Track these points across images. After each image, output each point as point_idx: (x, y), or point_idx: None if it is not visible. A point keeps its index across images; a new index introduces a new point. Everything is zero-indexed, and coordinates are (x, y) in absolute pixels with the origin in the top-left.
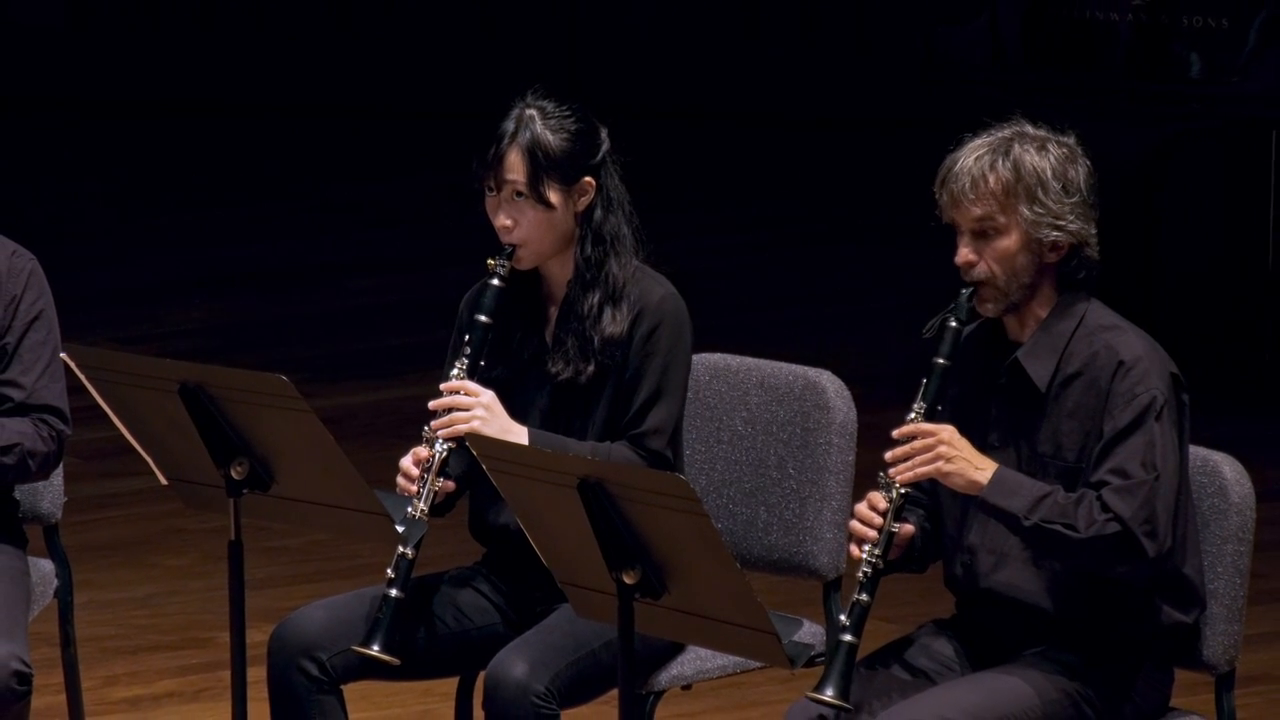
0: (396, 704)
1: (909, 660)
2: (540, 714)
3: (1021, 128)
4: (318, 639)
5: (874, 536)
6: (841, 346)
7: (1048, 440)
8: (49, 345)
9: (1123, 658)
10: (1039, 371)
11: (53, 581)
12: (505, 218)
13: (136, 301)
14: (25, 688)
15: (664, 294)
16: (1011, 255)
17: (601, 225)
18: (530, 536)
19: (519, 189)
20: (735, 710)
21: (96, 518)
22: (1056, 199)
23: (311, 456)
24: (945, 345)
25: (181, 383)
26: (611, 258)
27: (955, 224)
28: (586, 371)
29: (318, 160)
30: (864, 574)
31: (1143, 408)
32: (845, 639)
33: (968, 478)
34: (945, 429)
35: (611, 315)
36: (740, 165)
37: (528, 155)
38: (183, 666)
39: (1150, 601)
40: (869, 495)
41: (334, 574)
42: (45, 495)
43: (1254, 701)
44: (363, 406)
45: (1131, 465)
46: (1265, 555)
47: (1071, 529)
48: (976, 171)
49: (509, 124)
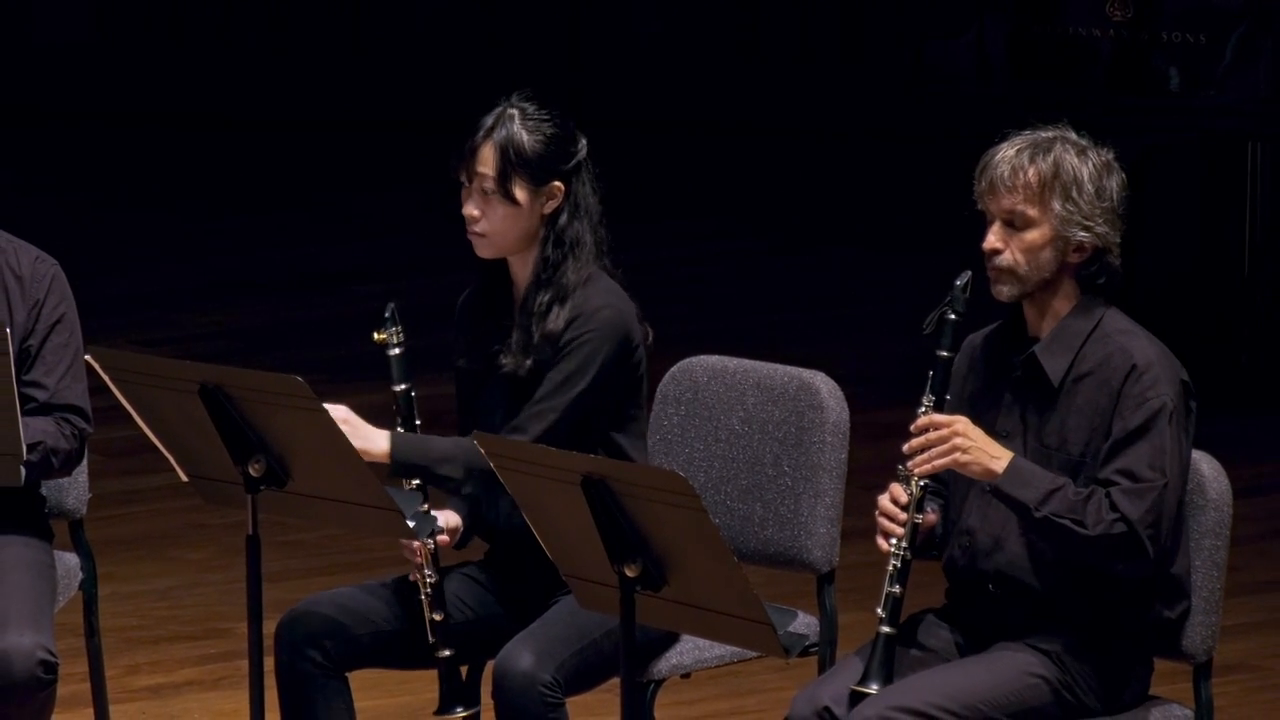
0: (408, 691)
1: (902, 647)
2: (546, 702)
3: (1065, 133)
4: (322, 628)
5: (900, 531)
6: (834, 348)
7: (1054, 433)
8: (71, 347)
9: (1106, 647)
10: (1054, 367)
11: (78, 574)
12: (473, 208)
13: (156, 306)
14: (51, 676)
15: (603, 304)
16: (1038, 248)
17: (565, 230)
18: (536, 531)
19: (488, 183)
20: (733, 698)
21: (119, 513)
22: (1089, 201)
23: (325, 454)
24: (946, 338)
25: (201, 383)
26: (569, 260)
27: (988, 211)
28: (524, 365)
29: (329, 171)
30: (894, 566)
31: (1153, 412)
32: (884, 630)
33: (984, 466)
34: (959, 419)
35: (556, 314)
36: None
37: (500, 151)
38: (202, 656)
39: (1138, 594)
40: (890, 488)
41: (347, 567)
42: (70, 492)
43: (1230, 690)
44: (375, 406)
45: (1141, 468)
46: (1241, 549)
47: (1080, 525)
48: (1017, 163)
49: (488, 119)
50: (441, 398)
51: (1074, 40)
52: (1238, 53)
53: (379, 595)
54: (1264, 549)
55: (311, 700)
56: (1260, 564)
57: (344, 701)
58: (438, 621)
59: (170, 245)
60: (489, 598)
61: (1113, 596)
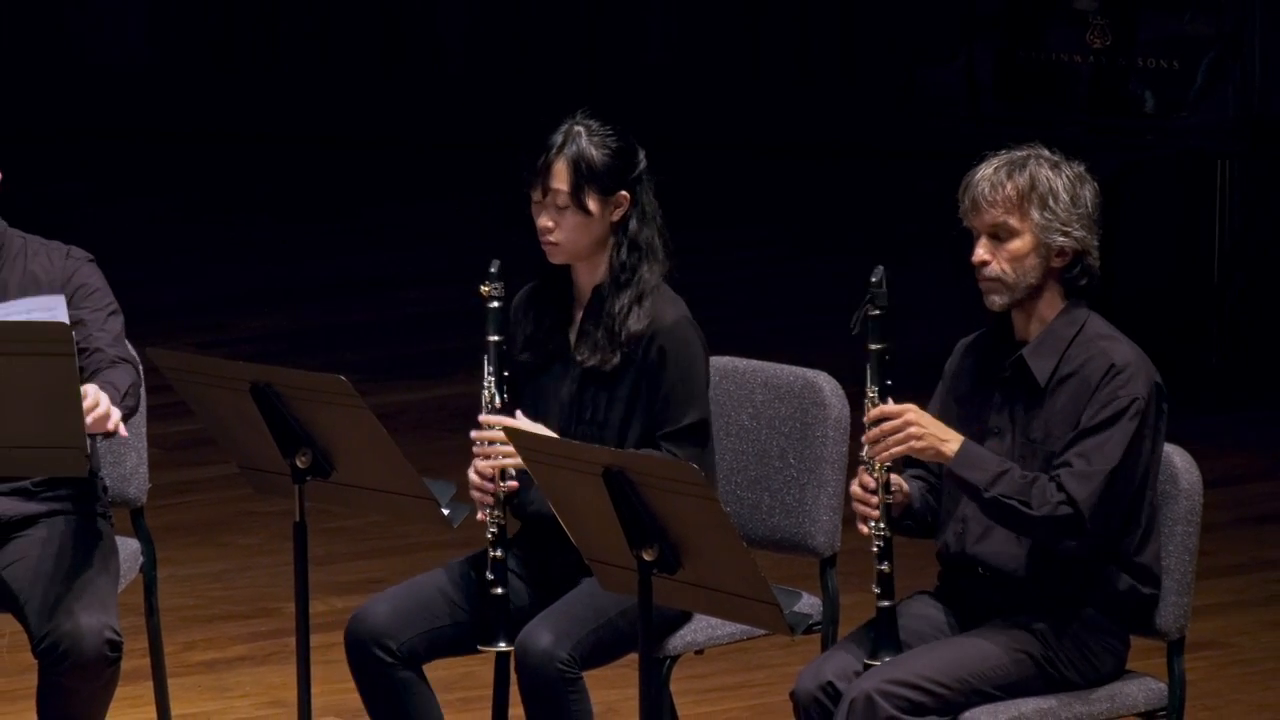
0: (441, 666)
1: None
2: (564, 678)
3: (1038, 150)
4: (387, 628)
5: (875, 514)
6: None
7: (1040, 429)
8: (106, 310)
9: (1086, 625)
10: (1040, 368)
11: (138, 559)
12: (547, 220)
13: (209, 311)
14: (116, 653)
15: (677, 318)
16: (1022, 257)
17: (637, 235)
18: (561, 518)
19: (561, 197)
20: (742, 672)
21: (177, 502)
22: (1065, 209)
23: (367, 448)
24: (874, 332)
25: (252, 382)
26: (644, 264)
27: (974, 227)
28: (612, 361)
29: (370, 185)
30: (878, 546)
31: (1121, 409)
32: (882, 604)
33: (936, 449)
34: (909, 408)
35: (637, 315)
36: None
37: (572, 166)
38: (253, 633)
39: (1114, 577)
40: (859, 475)
41: (387, 551)
42: (132, 482)
43: (1201, 665)
44: (412, 403)
45: (1095, 455)
46: (1211, 535)
47: (1026, 505)
48: (996, 180)
49: (557, 137)
50: (473, 395)
51: (1056, 65)
52: (1208, 77)
53: (435, 591)
54: (1232, 535)
55: (391, 692)
56: (1229, 549)
57: (422, 689)
58: (498, 559)
59: (223, 254)
60: (518, 580)
61: (1087, 580)
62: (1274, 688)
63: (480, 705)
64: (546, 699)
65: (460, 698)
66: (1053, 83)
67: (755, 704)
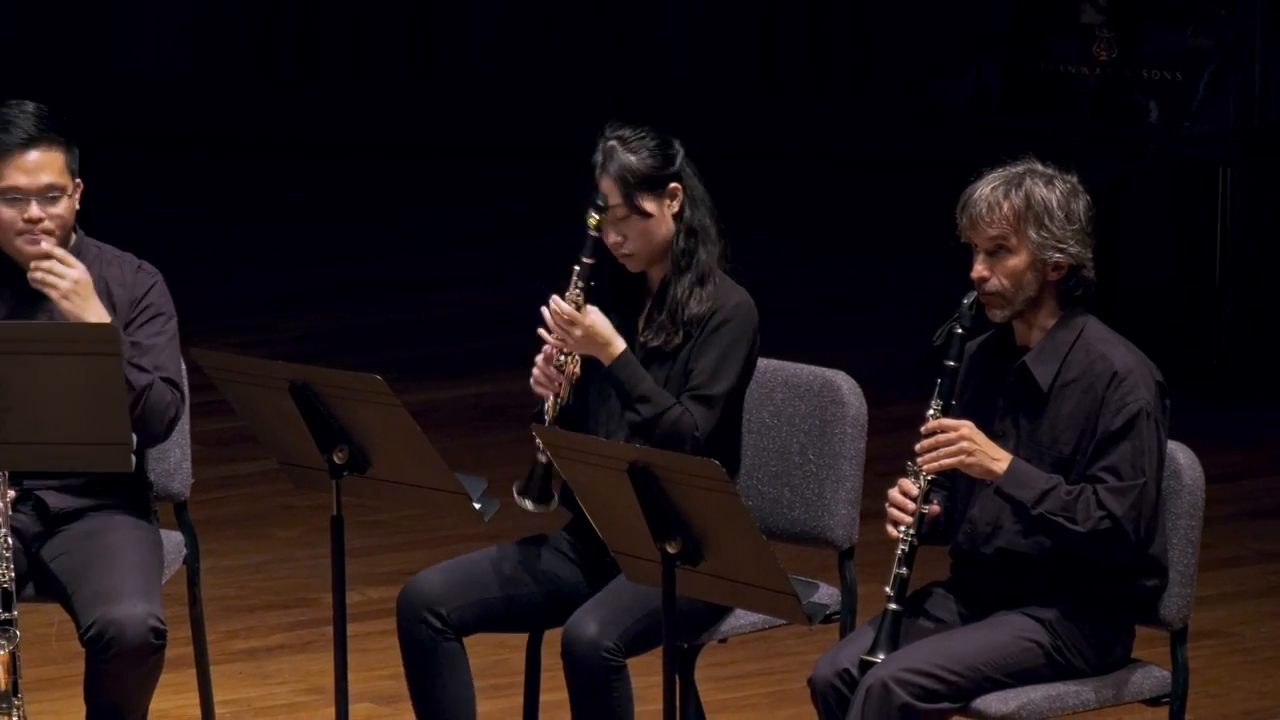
0: (474, 654)
1: (912, 616)
2: (609, 665)
3: (1033, 165)
4: (440, 596)
5: (908, 520)
6: (853, 350)
7: (1045, 432)
8: (167, 334)
9: (1093, 616)
10: (1043, 374)
11: (182, 551)
12: (614, 235)
13: (250, 312)
14: (161, 641)
15: (740, 300)
16: (1020, 272)
17: (691, 220)
18: (588, 513)
19: (619, 210)
20: (763, 660)
21: (219, 496)
22: (1060, 226)
23: (402, 444)
24: (954, 349)
25: (291, 381)
26: (701, 247)
27: (972, 243)
28: (675, 340)
29: (403, 190)
30: (902, 550)
31: (1133, 415)
32: (891, 607)
33: (985, 467)
34: (965, 424)
35: (699, 296)
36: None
37: (619, 181)
38: (292, 623)
39: (1121, 571)
40: (900, 482)
41: (421, 544)
42: (176, 477)
43: (1203, 654)
44: (445, 401)
45: (1124, 467)
46: (1213, 529)
47: (1072, 522)
48: (993, 199)
49: (597, 157)
50: (503, 394)
51: (1063, 78)
52: (1209, 89)
53: (488, 565)
54: (1233, 529)
55: (431, 661)
56: (1230, 542)
57: (461, 662)
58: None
59: (263, 258)
60: (571, 566)
61: (1098, 573)
62: (1274, 675)
63: (512, 692)
64: (591, 686)
65: (492, 684)
66: (1060, 94)
67: (774, 690)
